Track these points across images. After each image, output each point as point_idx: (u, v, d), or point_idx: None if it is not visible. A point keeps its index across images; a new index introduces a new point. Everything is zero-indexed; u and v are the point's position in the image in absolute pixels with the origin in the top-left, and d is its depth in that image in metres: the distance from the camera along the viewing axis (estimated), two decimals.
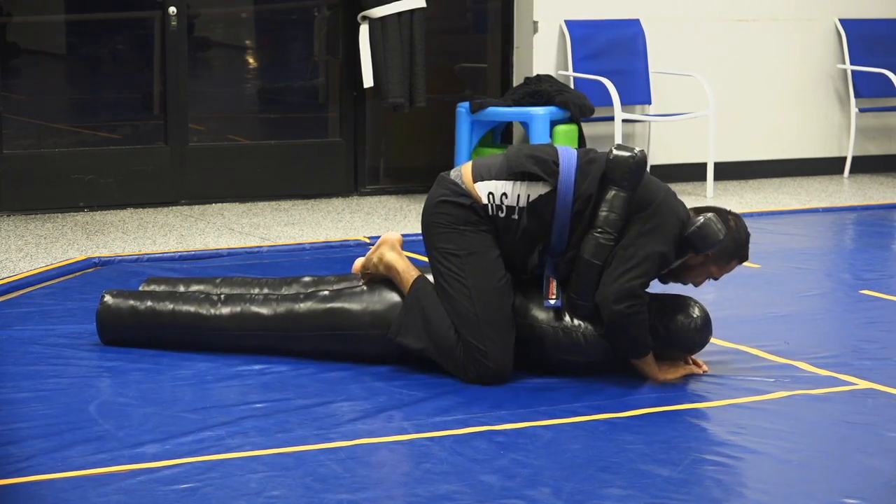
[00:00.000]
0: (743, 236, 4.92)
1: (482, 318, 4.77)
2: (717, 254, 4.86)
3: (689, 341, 4.84)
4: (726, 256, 4.90)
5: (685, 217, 4.84)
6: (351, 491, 3.79)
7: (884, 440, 4.27)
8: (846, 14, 9.89)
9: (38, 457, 4.01)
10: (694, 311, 4.84)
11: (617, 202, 4.73)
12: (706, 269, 4.92)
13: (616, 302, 4.67)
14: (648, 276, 4.76)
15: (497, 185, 4.81)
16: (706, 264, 4.90)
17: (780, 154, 9.85)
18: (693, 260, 4.87)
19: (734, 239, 4.87)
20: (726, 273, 4.97)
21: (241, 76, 9.60)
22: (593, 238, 4.73)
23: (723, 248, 4.85)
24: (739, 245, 4.91)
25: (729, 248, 4.87)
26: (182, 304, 5.13)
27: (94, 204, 8.18)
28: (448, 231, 4.85)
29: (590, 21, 9.13)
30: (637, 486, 3.88)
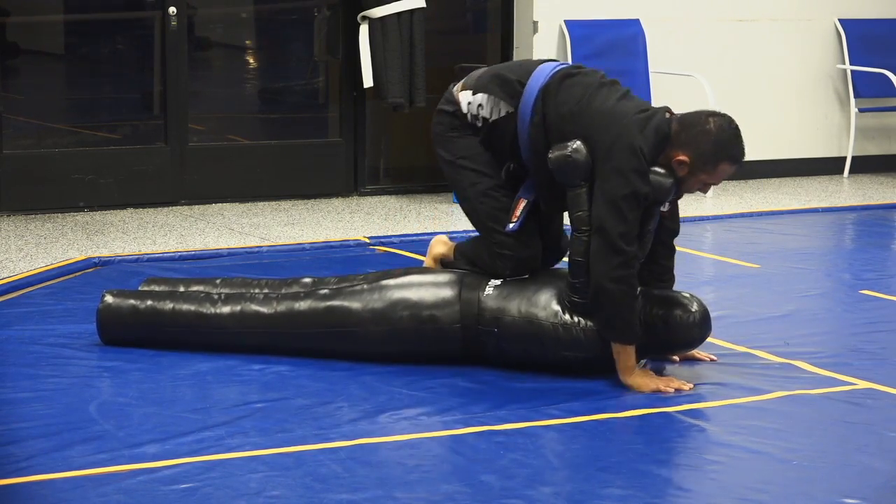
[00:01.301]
0: (724, 136, 4.74)
1: (483, 216, 4.98)
2: (697, 162, 4.72)
3: (689, 336, 4.84)
4: (710, 162, 4.74)
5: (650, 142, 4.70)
6: (351, 491, 3.79)
7: (883, 440, 4.27)
8: (846, 14, 9.89)
9: (38, 457, 4.01)
10: (693, 306, 4.83)
11: (580, 199, 4.76)
12: (697, 179, 4.78)
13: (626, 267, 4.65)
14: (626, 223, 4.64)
15: (474, 97, 4.99)
16: (693, 174, 4.76)
17: (780, 154, 9.85)
18: (678, 171, 4.74)
19: (714, 142, 4.73)
20: (723, 177, 4.80)
21: (241, 76, 9.60)
22: (576, 238, 4.78)
23: (702, 155, 4.72)
24: (721, 146, 4.75)
25: (708, 153, 4.73)
26: (182, 303, 5.13)
27: (94, 204, 8.18)
28: (441, 138, 5.09)
29: (590, 21, 9.13)
30: (637, 486, 3.88)
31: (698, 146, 4.73)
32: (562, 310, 4.82)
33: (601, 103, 4.82)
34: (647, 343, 4.82)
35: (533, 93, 4.89)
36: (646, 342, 4.82)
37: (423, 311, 4.92)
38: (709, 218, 8.26)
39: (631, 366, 4.74)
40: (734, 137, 4.78)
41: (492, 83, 4.98)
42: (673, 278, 5.03)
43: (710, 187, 4.86)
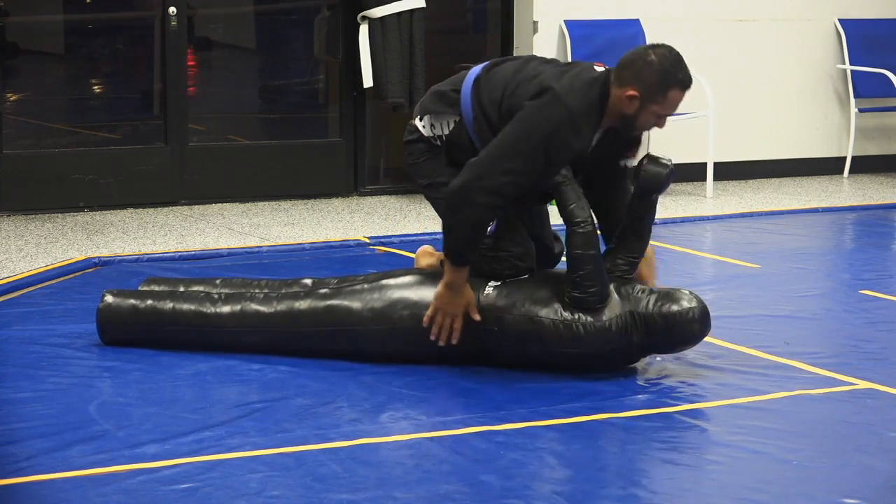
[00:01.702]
0: (668, 64, 4.74)
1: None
2: (646, 94, 4.73)
3: (688, 331, 4.83)
4: (659, 91, 4.74)
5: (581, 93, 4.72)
6: (351, 491, 3.79)
7: (883, 440, 4.27)
8: (846, 14, 9.89)
9: (38, 457, 4.01)
10: (692, 301, 4.83)
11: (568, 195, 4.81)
12: (649, 112, 4.77)
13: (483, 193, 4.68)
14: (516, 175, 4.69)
15: (423, 120, 5.06)
16: (645, 107, 4.75)
17: (780, 154, 9.85)
18: (629, 109, 4.75)
19: (658, 71, 4.72)
20: (675, 105, 4.78)
21: (241, 76, 9.61)
22: (572, 233, 4.80)
23: (650, 86, 4.72)
24: (667, 74, 4.73)
25: (656, 83, 4.73)
26: (182, 303, 5.14)
27: (94, 204, 8.18)
28: (414, 167, 5.14)
29: (590, 21, 9.13)
30: (637, 486, 3.88)
31: (644, 78, 4.73)
32: (562, 307, 4.82)
33: (526, 74, 4.87)
34: (648, 340, 4.83)
35: (467, 93, 4.96)
36: (647, 340, 4.83)
37: (423, 311, 4.92)
38: (709, 218, 8.26)
39: (451, 281, 4.80)
40: (678, 63, 4.77)
41: (430, 102, 5.07)
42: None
43: (664, 120, 4.83)
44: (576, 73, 4.82)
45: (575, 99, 4.73)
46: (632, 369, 4.95)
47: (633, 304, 4.83)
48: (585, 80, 4.78)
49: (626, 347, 4.83)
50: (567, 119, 4.70)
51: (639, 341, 4.83)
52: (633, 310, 4.82)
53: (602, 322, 4.78)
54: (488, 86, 4.93)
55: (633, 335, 4.81)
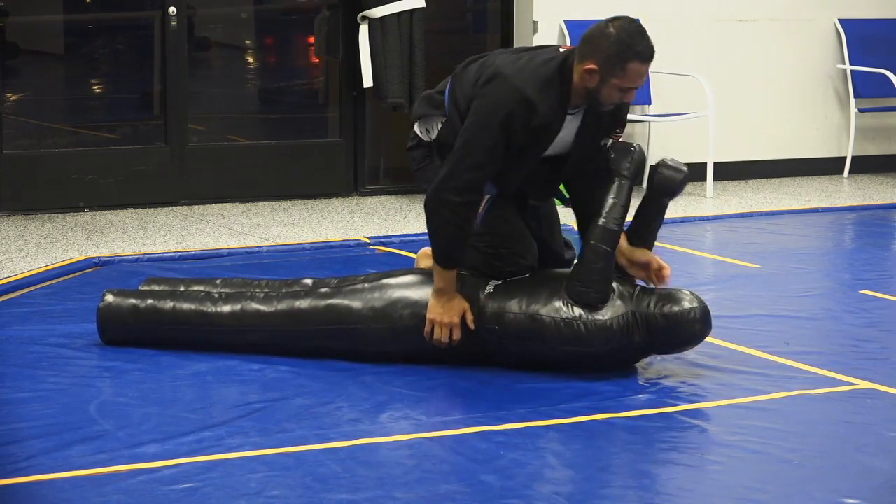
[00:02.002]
0: (626, 35, 4.68)
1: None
2: (605, 67, 4.68)
3: (689, 331, 4.83)
4: (618, 63, 4.67)
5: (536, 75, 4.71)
6: (351, 491, 3.79)
7: (883, 440, 4.27)
8: (846, 14, 9.89)
9: (38, 457, 4.01)
10: (693, 302, 4.84)
11: (622, 192, 4.82)
12: (611, 86, 4.71)
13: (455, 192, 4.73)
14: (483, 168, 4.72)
15: (419, 126, 5.09)
16: (605, 81, 4.71)
17: (780, 154, 9.85)
18: (590, 83, 4.72)
19: (616, 42, 4.66)
20: (636, 78, 4.72)
21: (241, 76, 9.60)
22: (601, 225, 4.79)
23: (609, 58, 4.67)
24: (625, 45, 4.66)
25: (614, 54, 4.67)
26: (183, 302, 5.14)
27: (94, 204, 8.18)
28: (418, 172, 5.16)
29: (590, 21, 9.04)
30: (637, 486, 3.88)
31: (602, 51, 4.68)
32: (563, 305, 4.82)
33: (487, 64, 4.85)
34: (649, 340, 4.83)
35: (447, 92, 4.98)
36: (648, 340, 4.83)
37: (423, 310, 4.92)
38: (709, 218, 8.26)
39: (439, 288, 4.83)
40: (637, 34, 4.70)
41: (420, 105, 5.09)
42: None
43: (630, 94, 4.77)
44: (531, 56, 4.82)
45: (525, 79, 4.71)
46: (632, 369, 4.95)
47: (634, 304, 4.83)
48: (539, 61, 4.77)
49: (626, 347, 4.83)
50: (519, 99, 4.69)
51: (640, 341, 4.83)
52: (635, 310, 4.82)
53: (603, 321, 4.78)
54: (461, 82, 4.93)
55: (635, 335, 4.82)
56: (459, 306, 4.86)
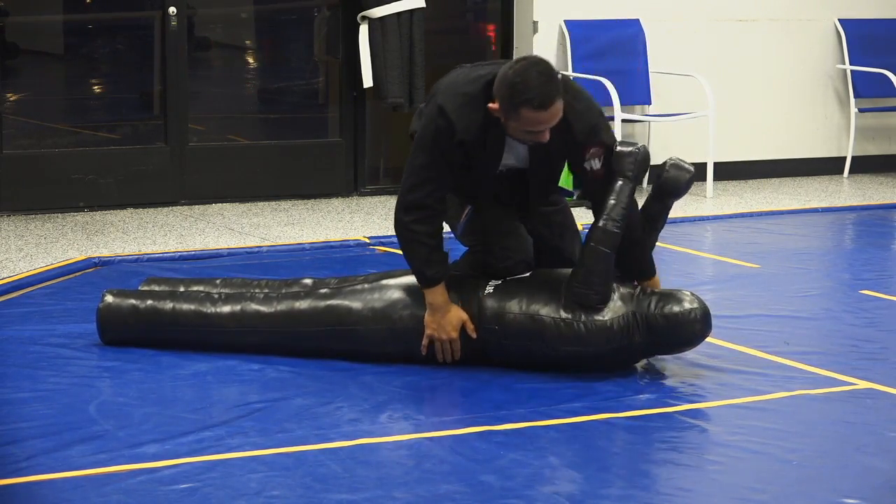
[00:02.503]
0: (518, 81, 4.56)
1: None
2: (502, 109, 4.63)
3: (690, 332, 4.83)
4: (511, 108, 4.62)
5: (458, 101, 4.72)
6: (351, 491, 3.79)
7: (883, 440, 4.27)
8: (846, 14, 9.89)
9: (38, 457, 4.01)
10: (694, 303, 4.84)
11: (623, 193, 4.81)
12: (513, 128, 4.68)
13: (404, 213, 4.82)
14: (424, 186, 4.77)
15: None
16: (507, 122, 4.67)
17: (780, 154, 9.85)
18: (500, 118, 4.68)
19: (509, 86, 4.60)
20: (533, 123, 4.62)
21: (241, 76, 9.60)
22: (600, 227, 4.79)
23: (503, 102, 4.63)
24: (515, 92, 4.57)
25: (507, 99, 4.62)
26: (183, 303, 5.14)
27: (94, 204, 8.18)
28: None
29: (589, 21, 9.13)
30: (637, 486, 3.88)
31: (500, 93, 4.65)
32: (563, 306, 4.82)
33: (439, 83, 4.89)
34: (649, 340, 4.83)
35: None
36: (648, 340, 4.83)
37: (423, 311, 4.92)
38: (709, 218, 8.26)
39: (430, 303, 4.85)
40: (533, 79, 4.57)
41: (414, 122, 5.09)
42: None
43: (538, 135, 4.68)
44: (463, 73, 4.83)
45: (449, 97, 4.74)
46: (632, 369, 4.95)
47: (635, 305, 4.83)
48: (471, 77, 4.77)
49: (627, 347, 4.83)
50: (439, 116, 4.72)
51: (640, 341, 4.83)
52: (636, 310, 4.82)
53: (604, 321, 4.78)
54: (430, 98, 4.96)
55: (635, 335, 4.82)
56: (457, 319, 4.87)
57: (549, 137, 4.68)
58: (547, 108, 4.59)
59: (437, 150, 4.76)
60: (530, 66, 4.60)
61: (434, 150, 4.77)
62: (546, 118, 4.62)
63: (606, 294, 4.81)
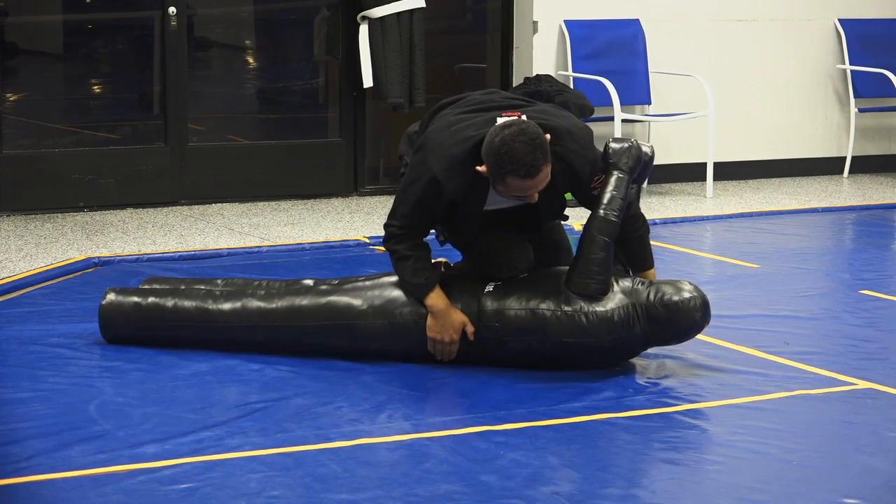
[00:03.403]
0: (504, 150, 4.61)
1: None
2: (490, 174, 4.69)
3: (690, 320, 4.84)
4: (497, 175, 4.68)
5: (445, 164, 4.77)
6: (351, 491, 3.79)
7: (883, 440, 4.27)
8: (845, 14, 9.89)
9: (38, 457, 4.01)
10: (693, 292, 4.86)
11: (620, 185, 4.87)
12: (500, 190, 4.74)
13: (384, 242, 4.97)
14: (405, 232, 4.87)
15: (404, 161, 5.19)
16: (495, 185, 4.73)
17: (780, 154, 9.85)
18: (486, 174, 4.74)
19: (495, 155, 4.65)
20: (520, 192, 4.69)
21: (241, 76, 9.60)
22: (600, 216, 4.84)
23: (490, 168, 4.68)
24: (500, 160, 4.63)
25: (493, 166, 4.67)
26: (184, 300, 5.14)
27: (94, 204, 8.18)
28: None
29: (589, 21, 9.13)
30: (637, 486, 3.88)
31: (487, 159, 4.70)
32: (564, 298, 4.82)
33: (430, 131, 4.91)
34: (650, 331, 4.84)
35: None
36: (649, 330, 4.83)
37: (423, 308, 4.92)
38: (709, 218, 8.26)
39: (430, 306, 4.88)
40: (515, 150, 4.60)
41: (402, 143, 5.17)
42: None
43: (528, 198, 4.75)
44: (452, 129, 4.83)
45: (438, 157, 4.77)
46: (632, 369, 4.95)
47: (635, 296, 4.84)
48: (460, 137, 4.79)
49: (627, 338, 4.84)
50: (429, 178, 4.78)
51: (640, 332, 4.84)
52: (636, 301, 4.83)
53: (605, 311, 4.79)
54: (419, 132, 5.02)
55: (636, 326, 4.82)
56: (458, 322, 4.90)
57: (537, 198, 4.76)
58: (533, 177, 4.65)
59: (422, 206, 4.83)
60: (516, 136, 4.62)
61: (418, 205, 4.84)
62: (533, 185, 4.69)
63: (606, 283, 4.81)
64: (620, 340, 4.83)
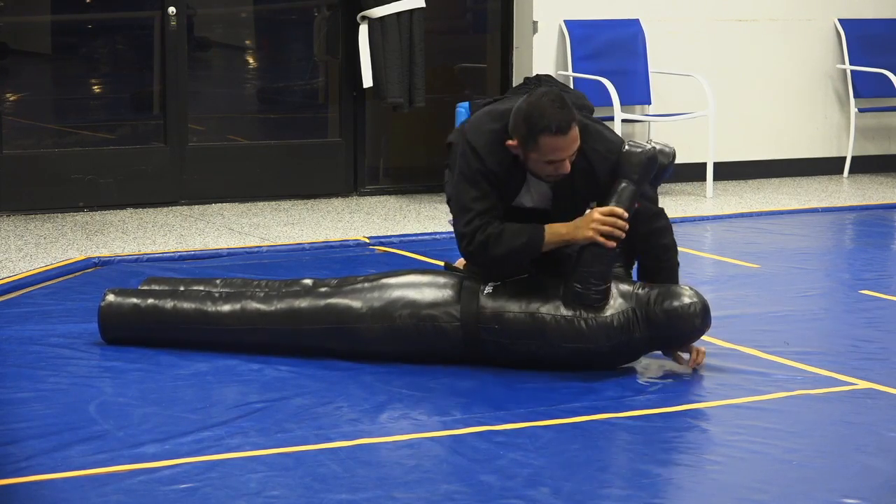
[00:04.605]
0: (532, 109, 4.70)
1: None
2: (521, 143, 4.73)
3: (690, 325, 4.84)
4: (530, 139, 4.71)
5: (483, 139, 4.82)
6: (351, 491, 3.79)
7: (883, 440, 4.27)
8: (845, 14, 9.89)
9: (38, 457, 4.01)
10: (693, 297, 4.85)
11: (625, 195, 4.83)
12: (533, 161, 4.76)
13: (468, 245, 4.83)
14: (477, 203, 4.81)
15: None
16: (527, 156, 4.76)
17: (780, 154, 9.85)
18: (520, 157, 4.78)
19: (525, 117, 4.71)
20: (553, 154, 4.71)
21: (241, 76, 9.60)
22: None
23: (522, 135, 4.72)
24: (532, 120, 4.69)
25: (524, 130, 4.71)
26: (183, 301, 5.14)
27: (94, 204, 8.18)
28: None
29: (589, 21, 9.13)
30: (637, 486, 3.88)
31: (517, 127, 4.75)
32: (563, 304, 4.82)
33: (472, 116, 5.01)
34: (649, 336, 4.83)
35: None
36: (649, 335, 4.83)
37: (422, 310, 4.92)
38: (709, 218, 8.26)
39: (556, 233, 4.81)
40: (548, 107, 4.68)
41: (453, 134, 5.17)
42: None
43: (559, 165, 4.75)
44: (491, 109, 4.92)
45: (477, 137, 4.85)
46: (632, 369, 4.95)
47: (635, 301, 4.84)
48: (491, 114, 4.88)
49: (627, 343, 4.84)
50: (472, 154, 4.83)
51: (640, 337, 4.84)
52: (635, 306, 4.83)
53: (604, 317, 4.79)
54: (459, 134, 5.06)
55: (635, 331, 4.82)
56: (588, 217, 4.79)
57: (569, 170, 4.76)
58: (566, 133, 4.68)
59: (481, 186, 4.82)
60: (542, 97, 4.72)
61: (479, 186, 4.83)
62: (565, 144, 4.70)
63: (606, 293, 4.81)
64: (620, 346, 4.84)
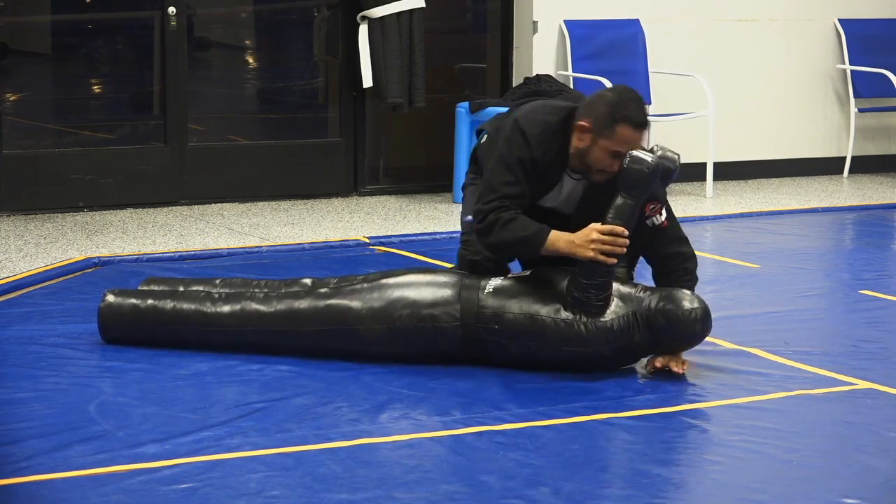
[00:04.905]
0: (619, 99, 4.80)
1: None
2: (596, 126, 4.77)
3: (690, 331, 4.84)
4: (608, 124, 4.76)
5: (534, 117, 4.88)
6: (351, 491, 3.79)
7: (883, 440, 4.27)
8: (845, 14, 9.89)
9: (38, 457, 4.01)
10: (694, 302, 4.85)
11: (624, 210, 4.81)
12: (599, 147, 4.78)
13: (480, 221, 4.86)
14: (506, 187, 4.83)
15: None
16: (595, 141, 4.79)
17: (780, 154, 9.85)
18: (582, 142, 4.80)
19: (609, 104, 4.79)
20: (626, 142, 4.76)
21: (240, 76, 9.60)
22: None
23: (599, 118, 4.77)
24: (616, 108, 4.77)
25: (605, 115, 4.77)
26: (183, 302, 5.14)
27: (94, 204, 8.18)
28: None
29: (589, 21, 9.13)
30: (637, 486, 3.88)
31: (595, 110, 4.80)
32: (563, 306, 4.82)
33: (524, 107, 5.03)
34: (650, 340, 4.83)
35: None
36: (649, 339, 4.83)
37: (422, 310, 4.92)
38: (709, 218, 8.26)
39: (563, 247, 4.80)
40: (631, 101, 4.81)
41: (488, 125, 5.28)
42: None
43: (619, 160, 4.78)
44: (547, 102, 5.05)
45: (531, 125, 4.88)
46: (632, 369, 4.95)
47: (635, 305, 4.83)
48: (548, 107, 4.96)
49: (627, 347, 4.84)
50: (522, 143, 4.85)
51: (640, 341, 4.83)
52: (636, 310, 4.82)
53: (604, 321, 4.78)
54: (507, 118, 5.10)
55: (635, 335, 4.82)
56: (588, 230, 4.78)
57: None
58: (642, 131, 4.79)
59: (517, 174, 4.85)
60: (629, 91, 4.86)
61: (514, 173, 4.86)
62: (638, 139, 4.79)
63: (606, 302, 4.81)
64: (620, 350, 4.84)
